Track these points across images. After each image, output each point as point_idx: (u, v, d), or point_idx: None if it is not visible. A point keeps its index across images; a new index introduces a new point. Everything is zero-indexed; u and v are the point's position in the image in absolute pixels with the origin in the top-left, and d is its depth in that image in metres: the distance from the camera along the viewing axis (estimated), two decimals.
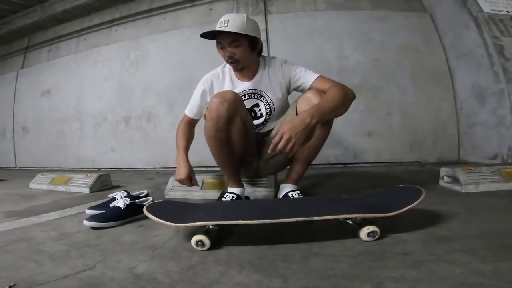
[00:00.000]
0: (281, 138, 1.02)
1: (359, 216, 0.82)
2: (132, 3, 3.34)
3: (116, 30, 3.38)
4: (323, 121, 1.12)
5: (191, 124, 1.38)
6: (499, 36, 2.13)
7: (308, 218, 0.78)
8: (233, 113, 1.12)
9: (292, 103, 1.29)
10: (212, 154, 1.24)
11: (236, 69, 1.27)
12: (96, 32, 3.49)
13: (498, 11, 2.23)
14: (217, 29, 1.16)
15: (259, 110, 1.33)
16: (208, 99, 1.26)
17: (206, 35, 1.18)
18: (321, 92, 1.17)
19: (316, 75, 1.24)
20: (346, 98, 1.15)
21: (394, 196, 0.95)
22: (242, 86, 1.30)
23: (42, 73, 3.69)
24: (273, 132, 1.32)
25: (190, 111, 1.36)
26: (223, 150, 1.18)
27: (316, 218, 0.78)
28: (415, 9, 2.67)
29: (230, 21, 1.15)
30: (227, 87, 1.30)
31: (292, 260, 0.70)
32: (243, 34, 1.16)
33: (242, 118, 1.17)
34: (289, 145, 1.02)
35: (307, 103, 1.17)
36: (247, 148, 1.31)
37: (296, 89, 1.31)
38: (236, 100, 1.12)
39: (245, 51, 1.21)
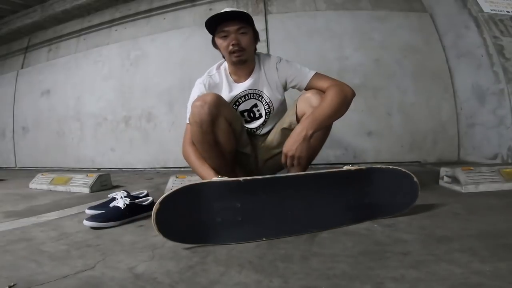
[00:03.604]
0: (286, 157, 1.07)
1: (376, 219, 0.92)
2: (132, 3, 3.34)
3: (116, 30, 3.38)
4: (321, 129, 1.12)
5: None
6: (499, 36, 2.13)
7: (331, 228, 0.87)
8: (215, 115, 1.10)
9: (292, 103, 1.28)
10: (204, 157, 1.20)
11: (239, 60, 1.19)
12: (96, 32, 3.48)
13: (498, 11, 2.23)
14: (225, 11, 1.12)
15: (258, 110, 1.31)
16: None
17: (212, 21, 1.13)
18: (320, 92, 1.16)
19: (312, 72, 1.23)
20: (344, 100, 1.13)
21: (389, 187, 0.96)
22: (240, 88, 1.27)
23: (42, 73, 3.69)
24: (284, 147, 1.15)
25: None
26: (212, 153, 1.17)
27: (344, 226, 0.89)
28: (415, 9, 2.67)
29: (234, 10, 1.14)
30: (224, 89, 1.27)
31: (292, 260, 0.70)
32: (249, 22, 1.15)
33: (227, 119, 1.15)
34: (295, 161, 1.06)
35: (306, 103, 1.16)
36: (240, 149, 1.30)
37: (293, 87, 1.30)
38: (217, 102, 1.10)
39: (251, 40, 1.19)
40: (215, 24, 1.16)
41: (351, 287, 0.56)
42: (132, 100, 3.12)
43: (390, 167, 0.98)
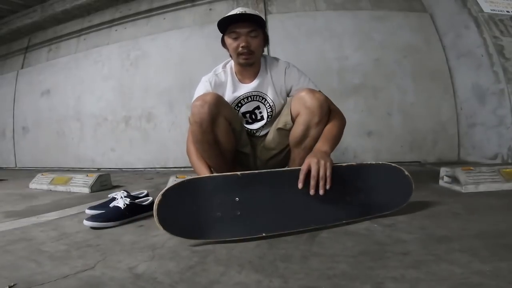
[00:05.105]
0: (308, 166, 0.90)
1: (373, 216, 0.95)
2: (132, 3, 3.34)
3: (116, 30, 3.38)
4: (333, 149, 1.09)
5: None
6: (499, 36, 2.13)
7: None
8: (215, 115, 1.10)
9: (286, 103, 1.27)
10: (203, 157, 1.20)
11: (247, 63, 1.19)
12: (96, 32, 3.49)
13: (498, 11, 2.24)
14: (238, 13, 1.10)
15: (260, 112, 1.31)
16: None
17: (225, 21, 1.13)
18: (314, 92, 1.14)
19: (317, 89, 1.22)
20: (344, 126, 1.16)
21: (383, 182, 0.97)
22: (244, 88, 1.26)
23: (42, 73, 3.69)
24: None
25: None
26: (212, 152, 1.16)
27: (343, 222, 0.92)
28: (415, 9, 2.67)
29: (247, 12, 1.12)
30: (229, 88, 1.27)
31: (292, 260, 0.70)
32: (260, 26, 1.14)
33: (227, 119, 1.15)
34: (321, 166, 0.90)
35: (300, 103, 1.14)
36: (240, 149, 1.30)
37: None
38: (217, 101, 1.10)
39: (260, 43, 1.19)
40: (226, 23, 1.14)
41: (351, 287, 0.56)
42: (132, 100, 3.12)
43: (380, 162, 1.00)
